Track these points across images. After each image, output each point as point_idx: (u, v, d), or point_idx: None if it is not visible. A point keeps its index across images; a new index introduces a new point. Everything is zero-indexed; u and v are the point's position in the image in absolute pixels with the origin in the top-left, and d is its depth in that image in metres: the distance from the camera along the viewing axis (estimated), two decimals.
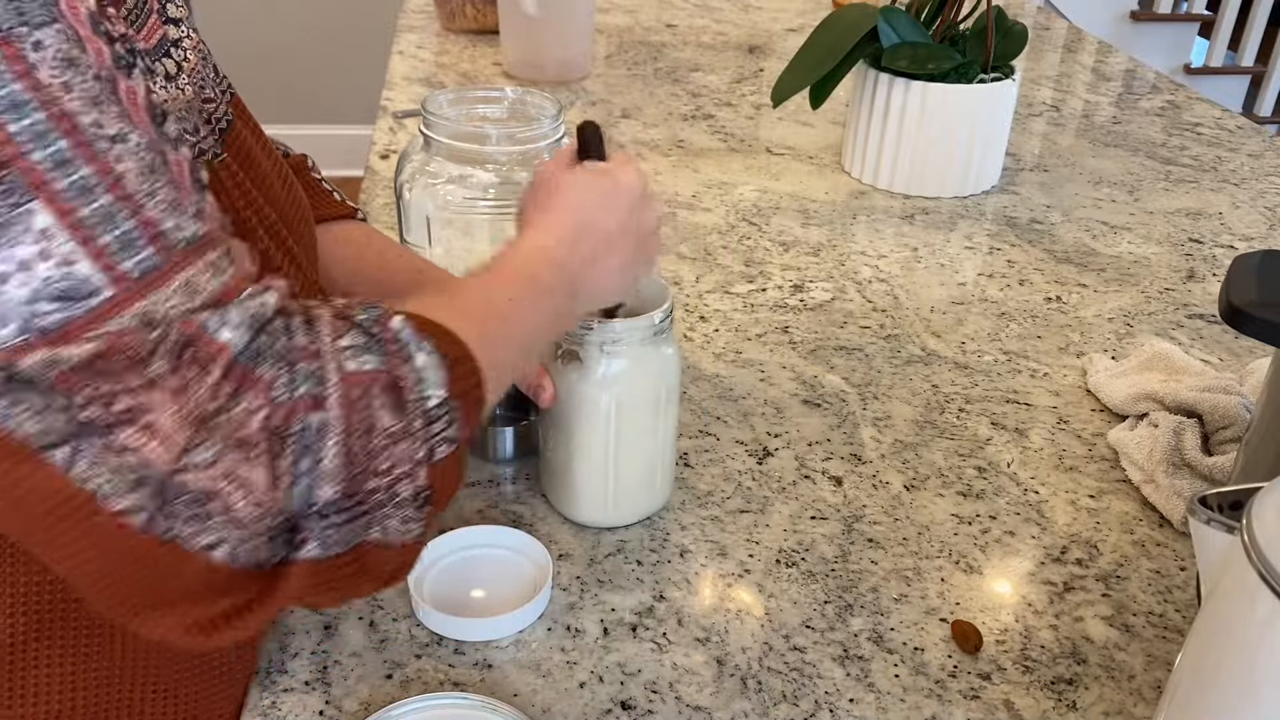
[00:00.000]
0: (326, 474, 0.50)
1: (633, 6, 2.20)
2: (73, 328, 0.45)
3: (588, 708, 0.66)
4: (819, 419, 0.94)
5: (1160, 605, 0.76)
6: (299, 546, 0.51)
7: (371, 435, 0.52)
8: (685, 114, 1.64)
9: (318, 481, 0.50)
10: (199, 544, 0.48)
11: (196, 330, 0.48)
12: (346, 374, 0.52)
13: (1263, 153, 1.59)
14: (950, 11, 1.33)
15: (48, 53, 0.45)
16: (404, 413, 0.53)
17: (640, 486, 0.81)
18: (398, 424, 0.53)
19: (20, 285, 0.44)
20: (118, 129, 0.47)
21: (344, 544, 0.52)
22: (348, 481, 0.51)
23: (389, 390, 0.53)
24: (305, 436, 0.50)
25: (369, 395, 0.52)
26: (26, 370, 0.44)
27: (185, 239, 0.49)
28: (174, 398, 0.47)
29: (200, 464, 0.47)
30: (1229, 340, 1.09)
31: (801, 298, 1.14)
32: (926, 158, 1.37)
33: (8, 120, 0.44)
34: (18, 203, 0.44)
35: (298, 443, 0.50)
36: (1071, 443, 0.93)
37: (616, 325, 0.75)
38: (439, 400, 0.54)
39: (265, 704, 0.65)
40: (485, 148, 0.93)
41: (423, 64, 1.79)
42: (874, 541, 0.80)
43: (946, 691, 0.68)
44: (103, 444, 0.46)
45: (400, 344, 0.54)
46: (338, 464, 0.50)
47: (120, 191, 0.47)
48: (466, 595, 0.74)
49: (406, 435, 0.53)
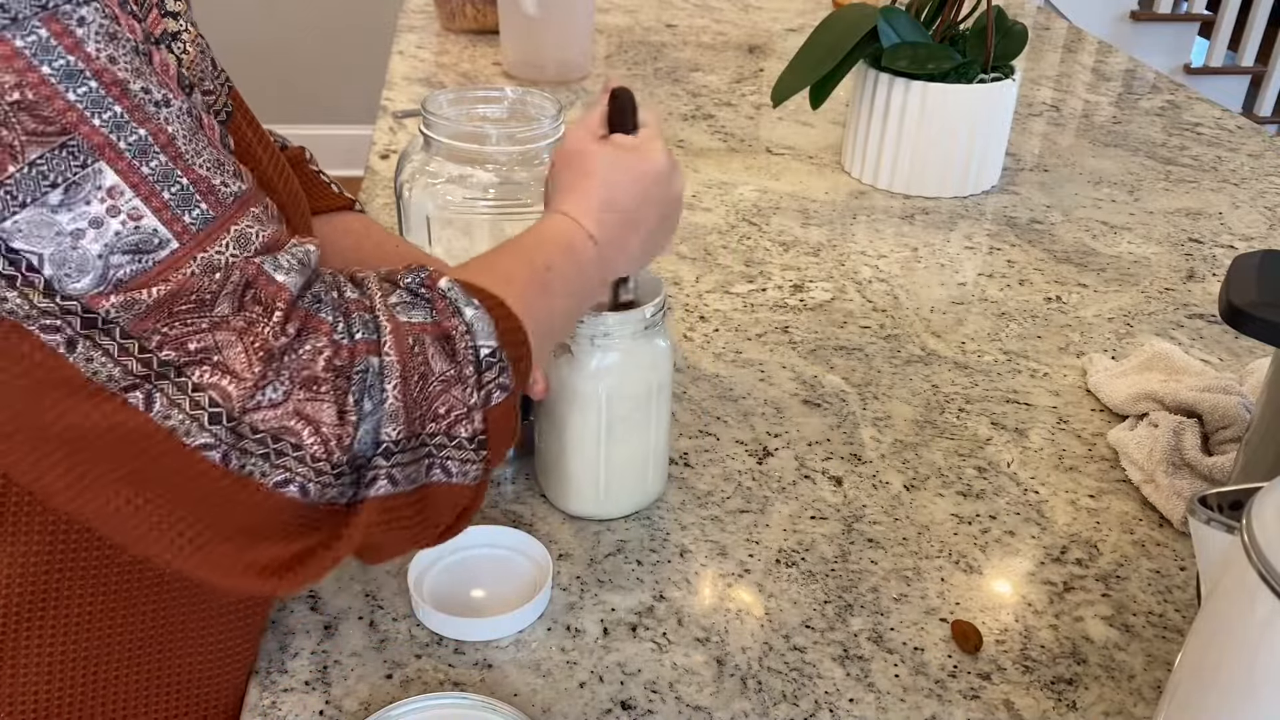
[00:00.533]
0: (389, 414, 0.53)
1: (633, 6, 2.20)
2: (145, 279, 0.48)
3: (588, 708, 0.66)
4: (819, 419, 0.94)
5: (1160, 605, 0.76)
6: (370, 484, 0.53)
7: (428, 380, 0.55)
8: (685, 114, 1.64)
9: (382, 421, 0.53)
10: (272, 480, 0.51)
11: (256, 271, 0.51)
12: (398, 324, 0.54)
13: (1263, 153, 1.59)
14: (950, 11, 1.33)
15: (91, 28, 0.48)
16: (456, 360, 0.56)
17: (632, 479, 0.81)
18: (451, 370, 0.55)
19: (94, 240, 0.47)
20: (163, 94, 0.50)
21: (410, 482, 0.54)
22: (409, 423, 0.53)
23: (441, 340, 0.56)
24: (368, 377, 0.52)
25: (422, 343, 0.55)
26: (104, 313, 0.47)
27: (232, 194, 0.52)
28: (241, 336, 0.50)
29: (271, 401, 0.50)
30: (1229, 340, 1.09)
31: (801, 298, 1.14)
32: (926, 158, 1.37)
33: (66, 89, 0.47)
34: (85, 163, 0.47)
35: (361, 382, 0.52)
36: (1071, 443, 0.93)
37: (608, 318, 0.75)
38: (490, 349, 0.57)
39: (265, 704, 0.65)
40: (485, 148, 0.93)
41: (423, 64, 1.79)
42: (874, 541, 0.80)
43: (946, 691, 0.68)
44: (178, 383, 0.48)
45: (448, 300, 0.57)
46: (399, 405, 0.53)
47: (173, 151, 0.50)
48: (466, 595, 0.74)
49: (460, 380, 0.56)
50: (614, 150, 0.73)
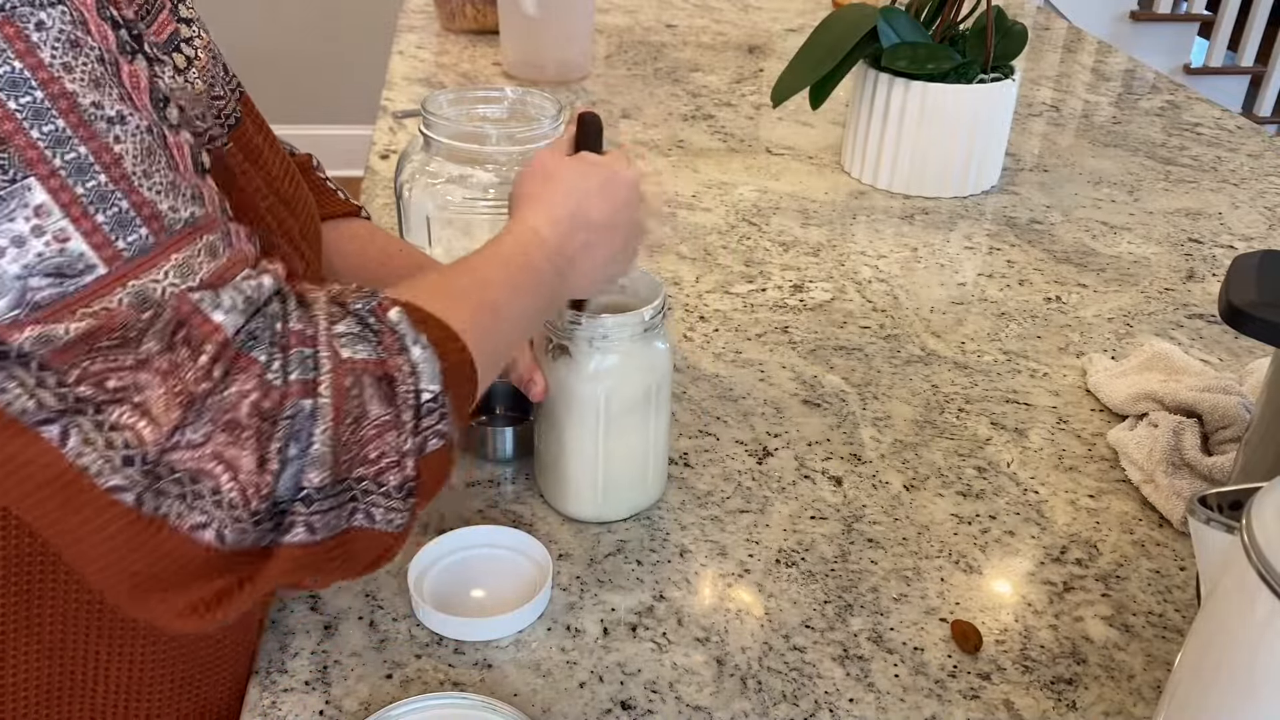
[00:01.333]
0: (315, 460, 0.50)
1: (633, 6, 2.20)
2: (65, 304, 0.46)
3: (588, 708, 0.66)
4: (819, 419, 0.94)
5: (1160, 605, 0.76)
6: (286, 530, 0.51)
7: (361, 424, 0.52)
8: (685, 114, 1.64)
9: (306, 467, 0.50)
10: (188, 524, 0.49)
11: (190, 310, 0.49)
12: (340, 361, 0.52)
13: (1262, 153, 1.59)
14: (950, 11, 1.33)
15: (50, 32, 0.46)
16: (395, 404, 0.53)
17: (631, 482, 0.81)
18: (388, 414, 0.53)
19: (13, 260, 0.45)
20: (117, 110, 0.48)
21: (330, 529, 0.52)
22: (335, 468, 0.51)
23: (382, 380, 0.53)
24: (296, 422, 0.50)
25: (361, 384, 0.52)
26: (19, 346, 0.45)
27: (182, 220, 0.50)
28: (165, 378, 0.47)
29: (189, 444, 0.48)
30: (1229, 340, 1.09)
31: (801, 298, 1.14)
32: (926, 158, 1.37)
33: (6, 98, 0.45)
34: (14, 179, 0.45)
35: (288, 428, 0.50)
36: (1071, 443, 0.93)
37: (607, 321, 0.75)
38: (432, 395, 0.55)
39: (265, 704, 0.65)
40: (485, 148, 0.93)
41: (423, 64, 1.79)
42: (874, 541, 0.80)
43: (946, 691, 0.68)
44: (94, 421, 0.46)
45: (396, 335, 0.55)
46: (326, 450, 0.51)
47: (117, 171, 0.47)
48: (466, 595, 0.74)
49: (397, 426, 0.53)
50: (581, 162, 0.73)
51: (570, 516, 0.81)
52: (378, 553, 0.56)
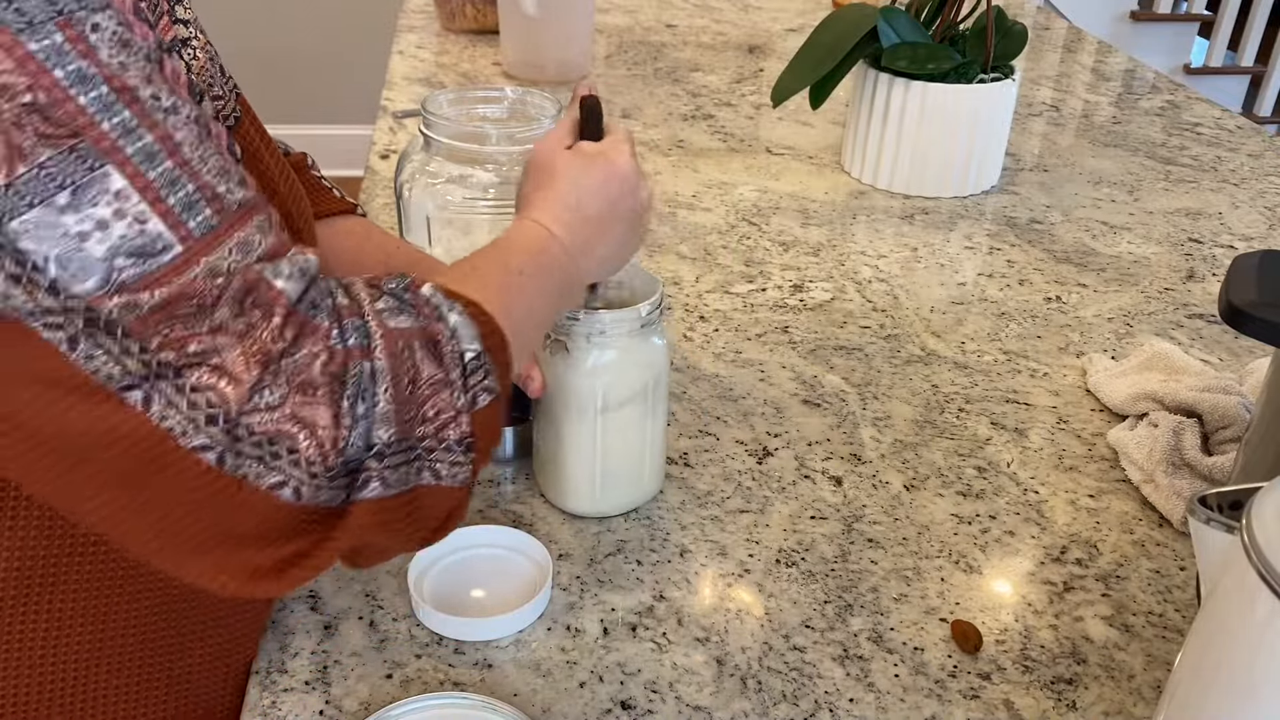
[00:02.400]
0: (381, 417, 0.54)
1: (633, 6, 2.20)
2: (147, 281, 0.49)
3: (588, 708, 0.66)
4: (819, 419, 0.94)
5: (1160, 605, 0.76)
6: (362, 486, 0.53)
7: (417, 384, 0.55)
8: (685, 114, 1.64)
9: (375, 424, 0.53)
10: (267, 483, 0.51)
11: (256, 278, 0.52)
12: (388, 329, 0.55)
13: (1262, 153, 1.59)
14: (950, 11, 1.33)
15: (105, 33, 0.49)
16: (443, 363, 0.57)
17: (629, 477, 0.81)
18: (439, 373, 0.56)
19: (99, 242, 0.48)
20: (171, 101, 0.51)
21: (401, 484, 0.55)
22: (400, 425, 0.54)
23: (427, 344, 0.56)
24: (361, 381, 0.53)
25: (410, 348, 0.56)
26: (107, 313, 0.48)
27: (237, 202, 0.53)
28: (240, 340, 0.50)
29: (267, 405, 0.51)
30: (1229, 340, 1.09)
31: (801, 298, 1.14)
32: (926, 158, 1.37)
33: (78, 93, 0.48)
34: (93, 166, 0.48)
35: (355, 386, 0.53)
36: (1071, 443, 0.93)
37: (604, 316, 0.76)
38: (475, 353, 0.58)
39: (265, 704, 0.65)
40: (485, 148, 0.93)
41: (423, 64, 1.79)
42: (874, 541, 0.80)
43: (946, 691, 0.68)
44: (176, 384, 0.49)
45: (432, 306, 0.58)
46: (390, 408, 0.54)
47: (179, 158, 0.51)
48: (466, 595, 0.74)
49: (448, 384, 0.57)
50: (579, 156, 0.75)
51: (568, 512, 0.81)
52: (448, 508, 0.58)
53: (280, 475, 0.51)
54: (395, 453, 0.54)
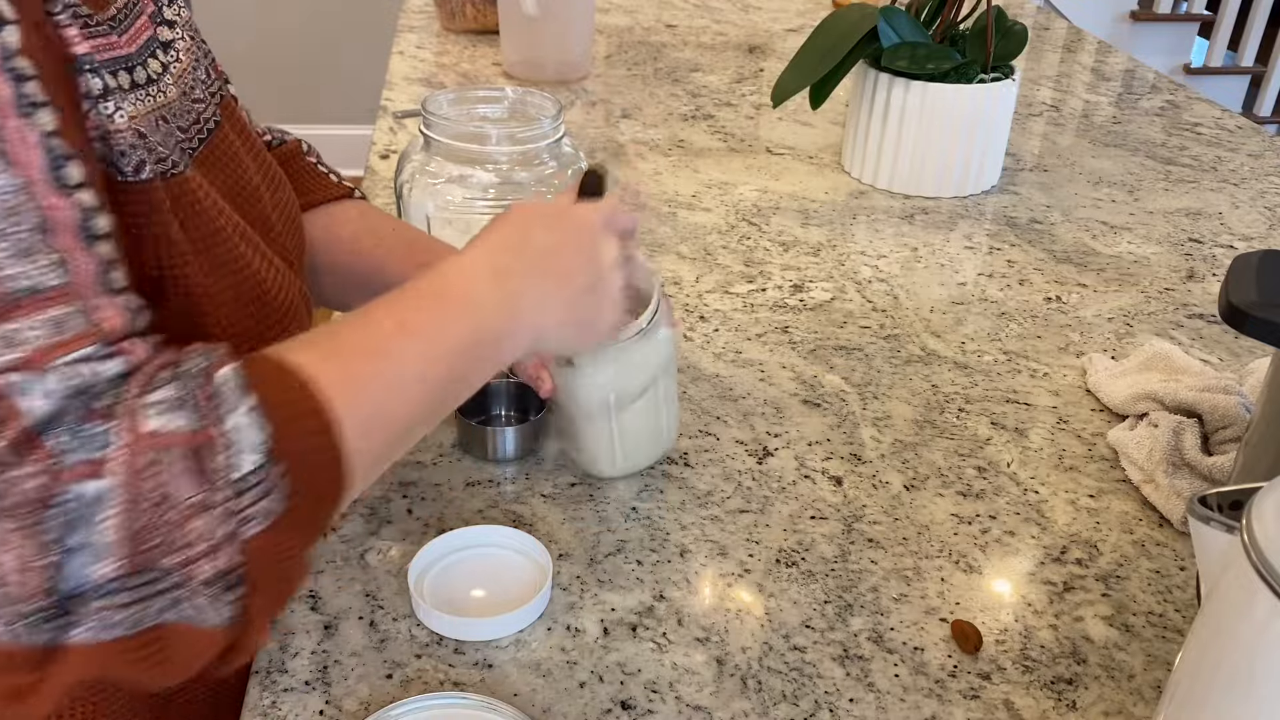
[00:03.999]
0: (102, 549, 0.46)
1: (633, 6, 2.20)
2: None
3: (588, 708, 0.66)
4: (819, 419, 0.94)
5: (1160, 605, 0.76)
6: (73, 626, 0.47)
7: (164, 507, 0.47)
8: (685, 114, 1.64)
9: (92, 557, 0.46)
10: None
11: (3, 389, 0.46)
12: (140, 435, 0.48)
13: (1263, 153, 1.59)
14: (950, 11, 1.33)
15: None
16: (205, 481, 0.48)
17: (647, 445, 0.85)
18: (197, 495, 0.48)
19: None
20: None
21: (131, 625, 0.47)
22: (131, 558, 0.47)
23: (190, 455, 0.48)
24: (74, 508, 0.46)
25: (162, 462, 0.48)
26: None
27: (24, 289, 0.47)
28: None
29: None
30: (1229, 340, 1.09)
31: (801, 298, 1.14)
32: (926, 158, 1.37)
33: None
34: None
35: (63, 514, 0.46)
36: (1071, 443, 0.93)
37: None
38: (253, 467, 0.49)
39: (265, 704, 0.65)
40: (485, 148, 0.93)
41: (423, 64, 1.79)
42: (874, 541, 0.80)
43: (946, 691, 0.68)
44: None
45: (217, 400, 0.50)
46: (116, 538, 0.46)
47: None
48: (466, 595, 0.74)
49: (207, 508, 0.48)
50: (537, 205, 0.69)
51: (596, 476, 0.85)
52: (202, 651, 0.50)
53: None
54: (123, 589, 0.47)
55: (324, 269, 0.86)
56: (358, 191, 0.92)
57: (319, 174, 0.91)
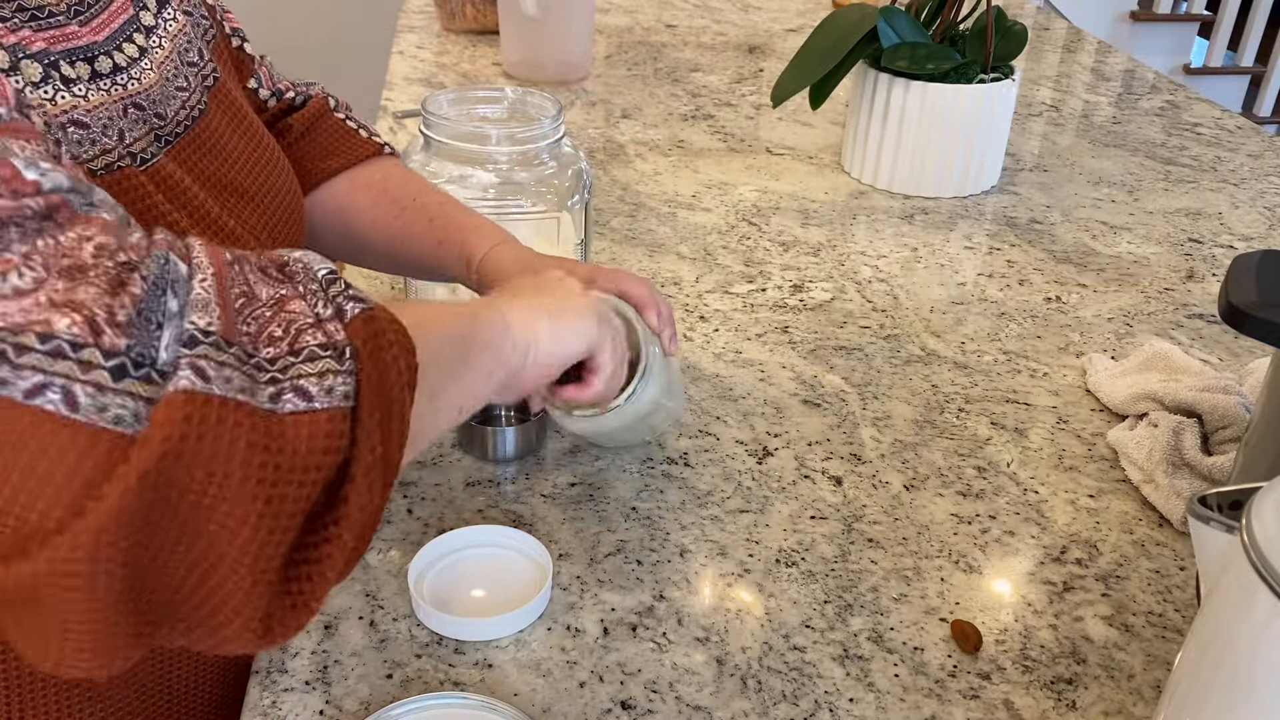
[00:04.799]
0: (199, 304, 0.41)
1: (633, 6, 2.20)
2: None
3: (588, 708, 0.66)
4: (819, 419, 0.94)
5: (1160, 605, 0.76)
6: (171, 372, 0.40)
7: (253, 303, 0.44)
8: (685, 114, 1.64)
9: (189, 314, 0.41)
10: (19, 388, 0.38)
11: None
12: (216, 250, 0.45)
13: (1262, 153, 1.59)
14: (950, 11, 1.33)
15: None
16: (291, 281, 0.46)
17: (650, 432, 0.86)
18: (284, 290, 0.45)
19: None
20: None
21: (238, 390, 0.41)
22: (228, 326, 0.42)
23: (267, 266, 0.47)
24: (169, 270, 0.42)
25: (244, 265, 0.46)
26: None
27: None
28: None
29: (15, 290, 0.39)
30: (1229, 340, 1.09)
31: (801, 298, 1.14)
32: (926, 158, 1.37)
33: None
34: None
35: (160, 273, 0.41)
36: (1071, 443, 0.93)
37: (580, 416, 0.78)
38: (329, 270, 0.48)
39: (265, 704, 0.65)
40: (485, 148, 0.93)
41: (423, 64, 1.79)
42: (874, 541, 0.80)
43: (946, 691, 0.68)
44: None
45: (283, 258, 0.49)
46: (211, 298, 0.42)
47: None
48: (466, 595, 0.74)
49: (300, 295, 0.46)
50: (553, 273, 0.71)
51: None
52: (319, 446, 0.42)
53: (38, 375, 0.38)
54: (224, 350, 0.41)
55: (344, 236, 0.87)
56: (388, 147, 0.91)
57: (346, 132, 0.89)
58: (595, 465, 0.86)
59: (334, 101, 0.91)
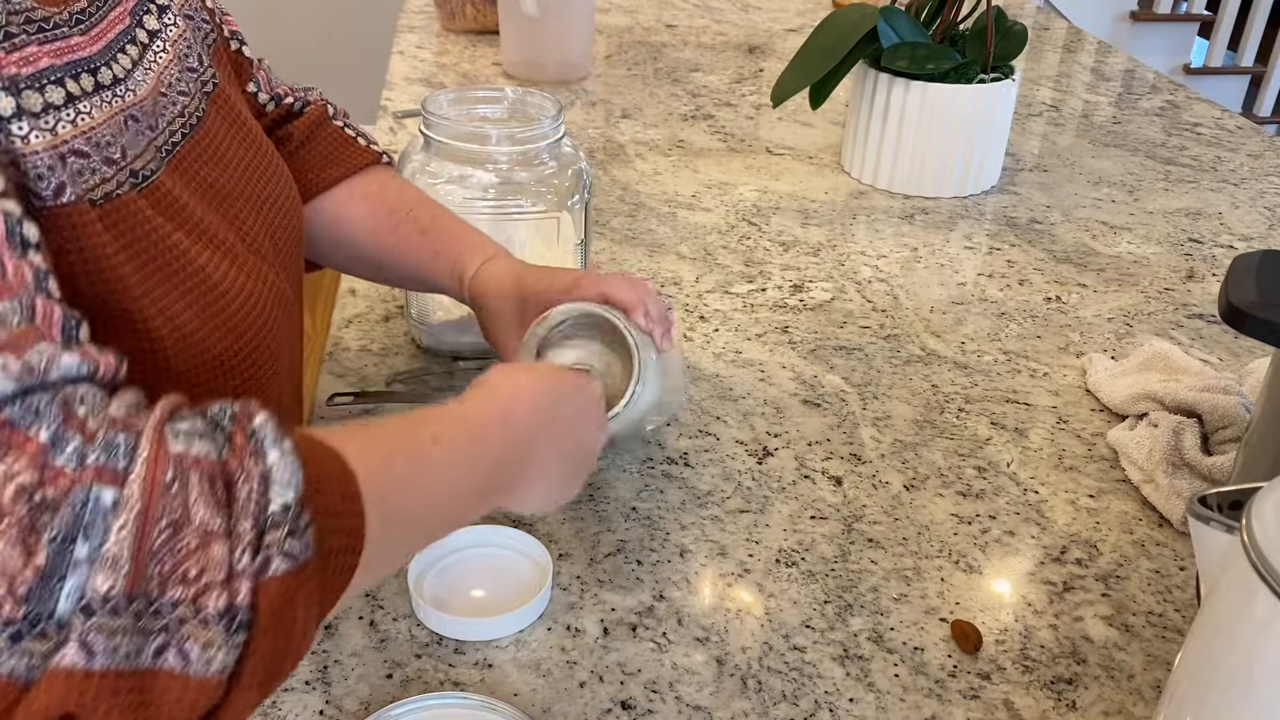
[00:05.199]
0: (106, 560, 0.41)
1: (633, 6, 2.20)
2: None
3: (588, 707, 0.66)
4: (819, 419, 0.94)
5: (1160, 605, 0.76)
6: (52, 653, 0.40)
7: (182, 531, 0.42)
8: (685, 114, 1.64)
9: (94, 570, 0.40)
10: None
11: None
12: (165, 453, 0.43)
13: (1262, 153, 1.59)
14: (950, 11, 1.33)
15: None
16: (230, 510, 0.44)
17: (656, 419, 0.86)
18: (218, 522, 0.43)
19: None
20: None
21: (117, 658, 0.41)
22: (134, 578, 0.41)
23: (219, 481, 0.44)
24: (87, 513, 0.41)
25: (186, 481, 0.43)
26: None
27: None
28: None
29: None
30: (1229, 340, 1.09)
31: (801, 298, 1.14)
32: (926, 158, 1.37)
33: None
34: None
35: (72, 518, 0.41)
36: (1071, 443, 0.93)
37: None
38: (284, 505, 0.44)
39: (265, 704, 0.65)
40: (485, 148, 0.93)
41: (423, 64, 1.79)
42: (874, 541, 0.80)
43: (946, 691, 0.68)
44: None
45: (252, 436, 0.46)
46: (123, 552, 0.41)
47: None
48: (466, 595, 0.74)
49: (228, 536, 0.43)
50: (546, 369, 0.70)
51: None
52: (188, 707, 0.42)
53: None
54: (118, 613, 0.41)
55: (338, 246, 0.86)
56: (386, 156, 0.91)
57: (344, 140, 0.89)
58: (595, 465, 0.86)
59: (332, 109, 0.91)
